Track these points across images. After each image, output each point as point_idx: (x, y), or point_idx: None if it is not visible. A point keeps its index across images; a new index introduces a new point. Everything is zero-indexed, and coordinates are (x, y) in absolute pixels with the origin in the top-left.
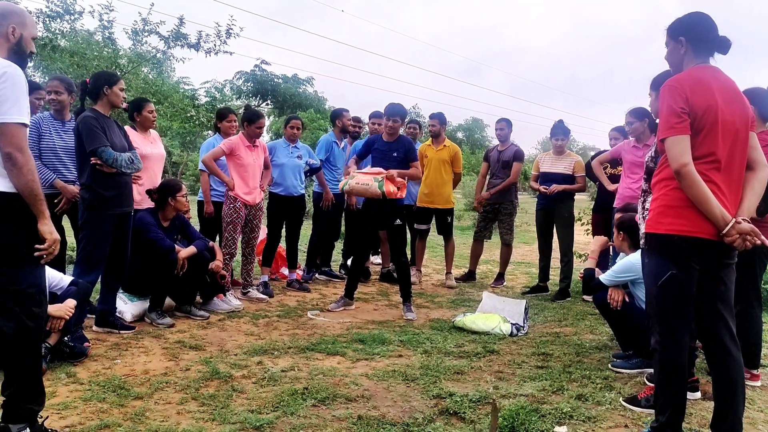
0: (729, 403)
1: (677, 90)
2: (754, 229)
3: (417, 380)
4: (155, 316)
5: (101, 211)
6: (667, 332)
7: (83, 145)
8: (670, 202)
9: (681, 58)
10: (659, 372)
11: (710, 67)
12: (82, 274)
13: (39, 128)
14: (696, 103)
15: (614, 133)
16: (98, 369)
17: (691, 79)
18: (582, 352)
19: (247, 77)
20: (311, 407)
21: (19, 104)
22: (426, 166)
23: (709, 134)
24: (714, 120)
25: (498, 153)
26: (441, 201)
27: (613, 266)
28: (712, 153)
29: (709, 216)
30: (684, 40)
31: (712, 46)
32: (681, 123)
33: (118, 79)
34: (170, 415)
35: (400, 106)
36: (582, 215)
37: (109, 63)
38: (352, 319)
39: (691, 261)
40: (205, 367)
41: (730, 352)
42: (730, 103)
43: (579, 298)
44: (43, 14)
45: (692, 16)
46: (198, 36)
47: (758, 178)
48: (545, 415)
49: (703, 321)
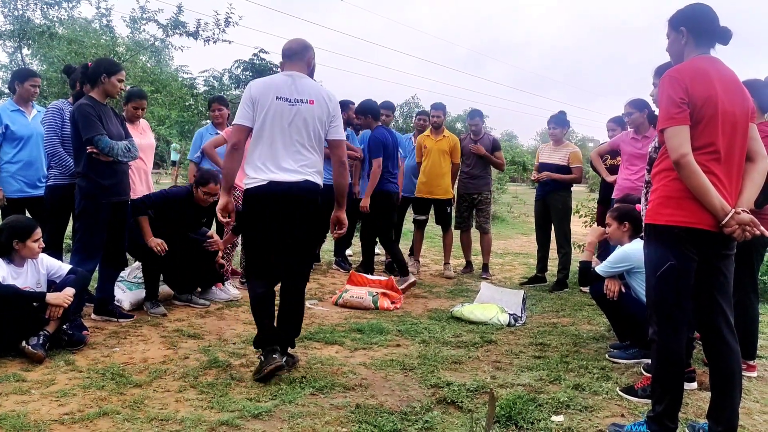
0: (726, 394)
1: (677, 80)
2: (753, 220)
3: (415, 369)
4: (149, 305)
5: (98, 200)
6: (665, 322)
7: (79, 133)
8: (669, 193)
9: (682, 49)
10: (657, 362)
11: (711, 58)
12: (80, 263)
13: (63, 115)
14: (696, 94)
15: (611, 125)
16: (97, 357)
17: (692, 70)
18: (579, 342)
19: (245, 66)
20: (309, 396)
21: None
22: (425, 156)
23: (709, 125)
24: (714, 111)
25: (471, 142)
26: (440, 191)
27: (608, 257)
28: (711, 144)
29: (708, 207)
30: (685, 31)
31: (713, 37)
32: (680, 113)
33: (118, 69)
34: (169, 403)
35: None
36: (580, 207)
37: (107, 51)
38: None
39: (690, 252)
40: (204, 355)
41: (728, 343)
42: (731, 93)
43: (577, 289)
44: (42, 1)
45: (694, 7)
46: (197, 24)
47: (758, 169)
48: (542, 404)
49: (702, 312)
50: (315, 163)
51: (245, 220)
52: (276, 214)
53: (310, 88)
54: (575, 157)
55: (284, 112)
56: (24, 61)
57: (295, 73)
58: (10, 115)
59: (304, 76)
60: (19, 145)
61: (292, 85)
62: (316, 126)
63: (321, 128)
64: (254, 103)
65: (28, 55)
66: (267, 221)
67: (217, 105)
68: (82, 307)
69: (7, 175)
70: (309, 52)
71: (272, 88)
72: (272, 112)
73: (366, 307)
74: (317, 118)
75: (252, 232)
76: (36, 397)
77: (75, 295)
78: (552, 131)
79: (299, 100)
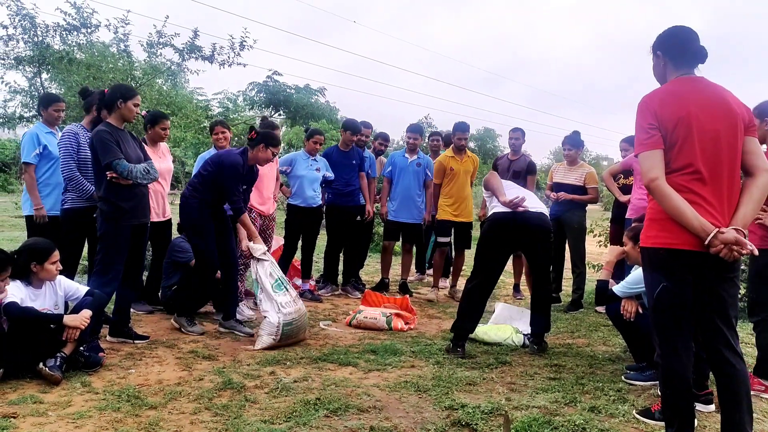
0: (733, 413)
1: (646, 106)
2: (738, 239)
3: (429, 391)
4: (185, 322)
5: (119, 222)
6: (665, 344)
7: (98, 158)
8: (654, 215)
9: (663, 72)
10: (662, 383)
11: (691, 78)
12: (101, 285)
13: (78, 139)
14: (665, 117)
15: (624, 144)
16: (113, 378)
17: (662, 94)
18: (595, 363)
19: (259, 88)
20: (323, 418)
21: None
22: (452, 178)
23: (685, 145)
24: (687, 131)
25: (509, 162)
26: (466, 213)
27: (626, 277)
28: (690, 164)
29: (688, 228)
30: (661, 54)
31: (690, 57)
32: (649, 138)
33: (133, 94)
34: (184, 425)
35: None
36: (594, 227)
37: (125, 75)
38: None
39: (682, 273)
40: (219, 377)
41: (731, 363)
42: (711, 111)
43: (592, 310)
44: (60, 27)
45: (669, 30)
46: (212, 48)
47: (757, 184)
48: (558, 427)
49: (703, 334)
50: None
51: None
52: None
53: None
54: (591, 177)
55: None
56: (43, 85)
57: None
58: (45, 137)
59: None
60: (53, 166)
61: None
62: None
63: None
64: None
65: (47, 80)
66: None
67: (221, 128)
68: (99, 329)
69: (45, 193)
70: None
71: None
72: None
73: (380, 328)
74: None
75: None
76: (53, 419)
77: (92, 317)
78: (567, 152)
79: None
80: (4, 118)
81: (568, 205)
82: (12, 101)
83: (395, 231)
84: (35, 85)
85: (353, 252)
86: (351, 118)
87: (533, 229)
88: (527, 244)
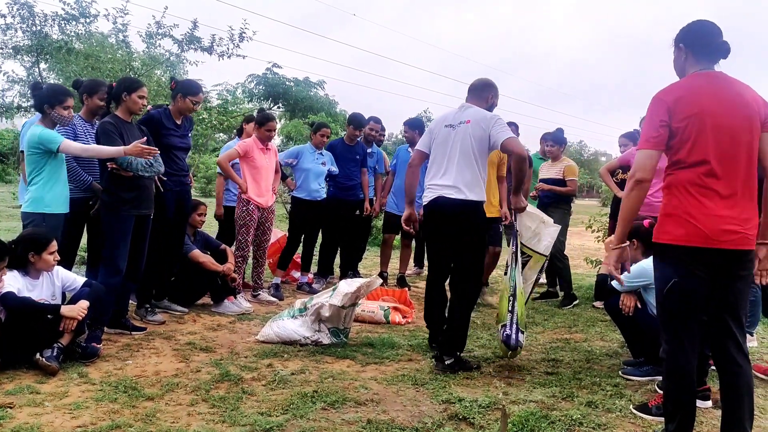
0: (734, 411)
1: (661, 101)
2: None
3: (426, 385)
4: (143, 312)
5: (119, 212)
6: (673, 339)
7: None
8: (669, 211)
9: (683, 65)
10: (667, 379)
11: (710, 73)
12: (106, 276)
13: (75, 131)
14: (680, 112)
15: (623, 140)
16: (110, 369)
17: (679, 89)
18: (592, 358)
19: (258, 80)
20: (321, 410)
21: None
22: None
23: (698, 141)
24: (701, 127)
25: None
26: (490, 208)
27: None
28: (703, 160)
29: (616, 231)
30: (683, 47)
31: (712, 51)
32: (657, 138)
33: (138, 86)
34: (181, 417)
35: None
36: (593, 222)
37: (123, 65)
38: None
39: (694, 269)
40: (216, 369)
41: (736, 361)
42: (729, 107)
43: (589, 305)
44: (59, 17)
45: (694, 23)
46: (211, 39)
47: None
48: (555, 421)
49: (711, 329)
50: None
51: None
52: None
53: (473, 113)
54: (570, 170)
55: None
56: (41, 75)
57: (465, 104)
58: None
59: (472, 105)
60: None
61: (457, 113)
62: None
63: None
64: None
65: (45, 70)
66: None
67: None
68: (103, 320)
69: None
70: (489, 90)
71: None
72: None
73: (377, 322)
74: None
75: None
76: (49, 410)
77: (89, 308)
78: (549, 149)
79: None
80: (2, 107)
81: (552, 198)
82: (10, 91)
83: (395, 224)
84: (33, 74)
85: (352, 245)
86: (357, 113)
87: (449, 217)
88: (453, 236)
